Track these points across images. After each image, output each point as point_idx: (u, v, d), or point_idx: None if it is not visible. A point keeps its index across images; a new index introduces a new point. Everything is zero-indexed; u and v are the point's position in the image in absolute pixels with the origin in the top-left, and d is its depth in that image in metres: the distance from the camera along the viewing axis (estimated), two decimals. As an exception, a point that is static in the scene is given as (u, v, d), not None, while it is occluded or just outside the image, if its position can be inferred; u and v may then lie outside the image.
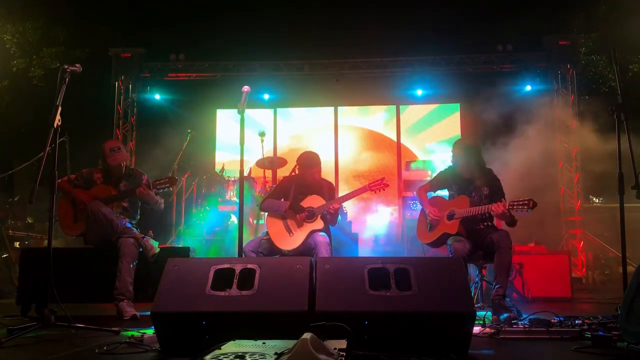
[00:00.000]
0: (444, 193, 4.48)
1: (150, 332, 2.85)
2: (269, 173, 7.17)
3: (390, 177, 8.69)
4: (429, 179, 6.85)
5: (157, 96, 9.44)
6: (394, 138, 9.52)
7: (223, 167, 7.44)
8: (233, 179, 7.11)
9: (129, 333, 2.96)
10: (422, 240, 4.38)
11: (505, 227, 4.09)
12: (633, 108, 3.73)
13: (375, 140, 9.59)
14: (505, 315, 3.56)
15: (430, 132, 9.48)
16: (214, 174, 7.39)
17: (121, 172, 4.45)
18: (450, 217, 4.14)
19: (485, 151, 6.85)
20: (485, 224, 4.10)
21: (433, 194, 4.51)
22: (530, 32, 9.03)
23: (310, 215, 4.29)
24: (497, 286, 3.85)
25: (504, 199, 3.92)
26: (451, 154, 4.32)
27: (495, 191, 4.11)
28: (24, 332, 2.82)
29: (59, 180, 4.24)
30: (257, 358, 1.83)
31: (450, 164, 4.37)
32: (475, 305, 3.35)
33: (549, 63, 8.72)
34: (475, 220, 4.10)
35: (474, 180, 4.18)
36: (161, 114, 9.42)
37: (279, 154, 9.24)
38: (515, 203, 3.78)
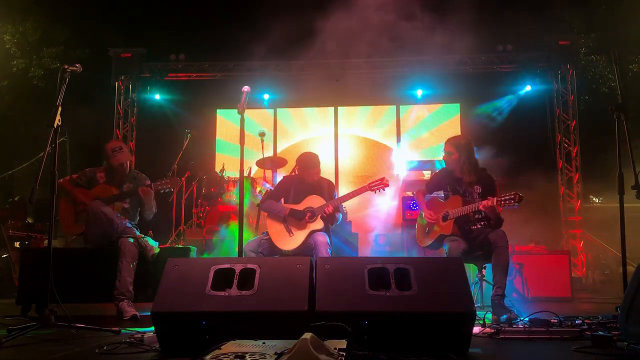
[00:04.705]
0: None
1: (150, 332, 2.85)
2: (269, 173, 7.16)
3: (390, 177, 8.68)
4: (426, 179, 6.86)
5: (157, 96, 9.44)
6: (394, 140, 9.51)
7: (223, 167, 7.43)
8: (233, 179, 7.10)
9: (128, 330, 2.96)
10: (421, 244, 4.42)
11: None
12: (633, 108, 3.73)
13: (375, 146, 9.57)
14: (505, 316, 3.56)
15: (430, 133, 9.48)
16: (214, 174, 7.38)
17: (124, 172, 4.45)
18: (445, 218, 4.17)
19: (485, 151, 6.88)
20: (482, 223, 4.10)
21: (430, 196, 4.52)
22: (530, 32, 9.03)
23: (311, 216, 4.29)
24: (495, 286, 3.85)
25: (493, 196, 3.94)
26: (443, 152, 4.32)
27: (488, 190, 4.11)
28: (24, 332, 2.82)
29: (61, 180, 4.25)
30: (257, 358, 1.83)
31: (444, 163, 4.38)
32: (475, 305, 3.36)
33: (549, 63, 8.72)
34: (469, 220, 4.11)
35: (465, 179, 4.19)
36: (161, 114, 9.43)
37: (278, 154, 9.25)
38: (502, 198, 3.82)
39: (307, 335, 1.82)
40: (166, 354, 2.46)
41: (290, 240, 4.29)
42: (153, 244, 4.25)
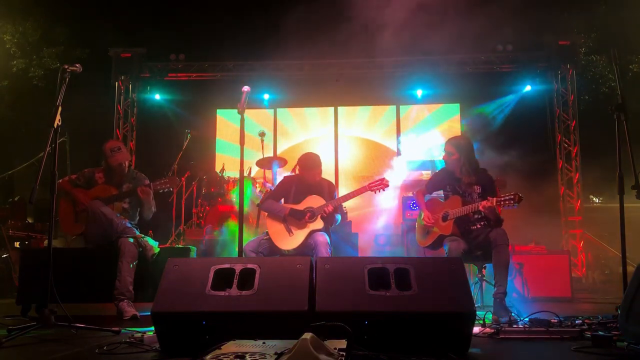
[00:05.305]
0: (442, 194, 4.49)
1: (150, 332, 2.86)
2: (269, 173, 7.16)
3: (389, 178, 8.68)
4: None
5: (157, 96, 9.44)
6: (394, 140, 9.50)
7: (223, 167, 7.43)
8: (233, 179, 7.10)
9: (128, 330, 2.96)
10: (421, 244, 4.42)
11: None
12: (633, 108, 3.72)
13: (375, 147, 9.57)
14: (506, 318, 3.55)
15: (430, 133, 9.47)
16: (214, 174, 7.38)
17: (123, 172, 4.45)
18: (445, 218, 4.17)
19: (485, 151, 6.86)
20: (482, 223, 4.10)
21: (430, 196, 4.52)
22: (530, 32, 9.04)
23: (311, 216, 4.30)
24: (497, 285, 3.85)
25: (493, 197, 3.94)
26: (443, 151, 4.33)
27: (488, 190, 4.12)
28: (24, 332, 2.82)
29: (60, 181, 4.25)
30: (257, 358, 1.83)
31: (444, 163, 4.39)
32: (475, 305, 3.36)
33: (549, 63, 8.72)
34: (468, 220, 4.11)
35: (465, 179, 4.19)
36: (161, 114, 9.42)
37: (279, 154, 9.25)
38: (502, 199, 3.82)
39: (307, 335, 1.82)
40: (166, 354, 2.45)
41: (290, 240, 4.29)
42: (153, 244, 4.25)
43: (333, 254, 4.40)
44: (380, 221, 7.59)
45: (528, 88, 8.95)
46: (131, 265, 4.02)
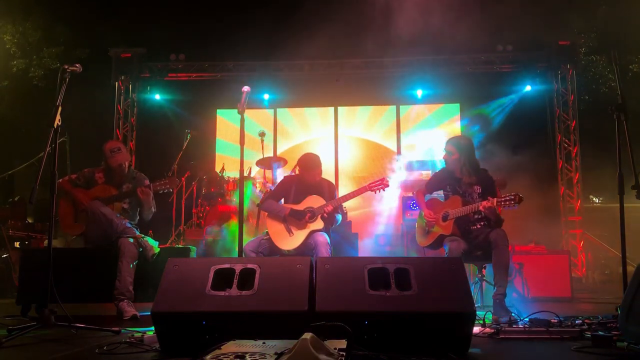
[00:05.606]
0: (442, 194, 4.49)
1: (150, 332, 2.86)
2: (269, 173, 7.16)
3: (390, 178, 8.68)
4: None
5: (157, 96, 9.44)
6: (394, 140, 9.50)
7: (223, 167, 7.43)
8: (233, 179, 7.10)
9: (128, 330, 2.96)
10: (421, 244, 4.42)
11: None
12: (633, 108, 3.72)
13: (375, 147, 9.57)
14: (506, 319, 3.56)
15: (430, 133, 9.47)
16: (214, 174, 7.38)
17: (123, 172, 4.45)
18: (445, 218, 4.17)
19: (485, 151, 6.86)
20: (482, 224, 4.10)
21: (430, 196, 4.53)
22: (530, 32, 9.04)
23: (311, 216, 4.30)
24: (497, 286, 3.85)
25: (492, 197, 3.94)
26: (444, 151, 4.33)
27: (488, 190, 4.12)
28: (24, 332, 2.82)
29: (60, 180, 4.25)
30: (257, 358, 1.83)
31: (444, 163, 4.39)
32: (475, 305, 3.35)
33: (549, 63, 8.73)
34: (469, 220, 4.11)
35: (465, 179, 4.19)
36: (161, 114, 9.42)
37: (279, 155, 9.25)
38: (502, 199, 3.82)
39: (307, 335, 1.82)
40: (166, 354, 2.45)
41: (290, 240, 4.29)
42: (153, 244, 4.25)
43: (333, 254, 4.40)
44: (380, 221, 7.60)
45: (528, 88, 8.95)
46: (131, 265, 4.02)
